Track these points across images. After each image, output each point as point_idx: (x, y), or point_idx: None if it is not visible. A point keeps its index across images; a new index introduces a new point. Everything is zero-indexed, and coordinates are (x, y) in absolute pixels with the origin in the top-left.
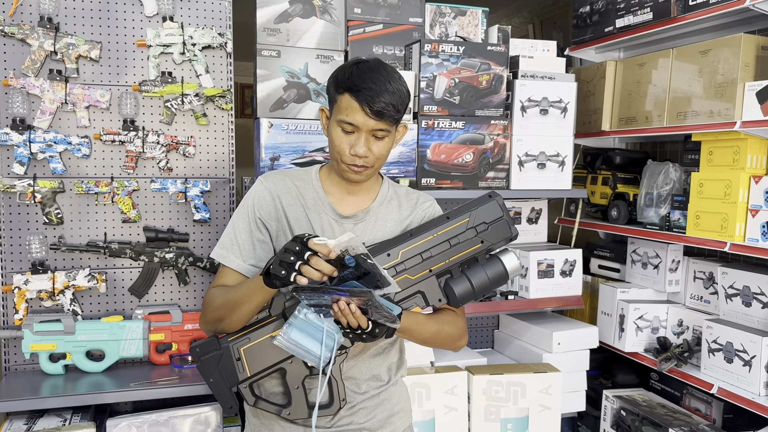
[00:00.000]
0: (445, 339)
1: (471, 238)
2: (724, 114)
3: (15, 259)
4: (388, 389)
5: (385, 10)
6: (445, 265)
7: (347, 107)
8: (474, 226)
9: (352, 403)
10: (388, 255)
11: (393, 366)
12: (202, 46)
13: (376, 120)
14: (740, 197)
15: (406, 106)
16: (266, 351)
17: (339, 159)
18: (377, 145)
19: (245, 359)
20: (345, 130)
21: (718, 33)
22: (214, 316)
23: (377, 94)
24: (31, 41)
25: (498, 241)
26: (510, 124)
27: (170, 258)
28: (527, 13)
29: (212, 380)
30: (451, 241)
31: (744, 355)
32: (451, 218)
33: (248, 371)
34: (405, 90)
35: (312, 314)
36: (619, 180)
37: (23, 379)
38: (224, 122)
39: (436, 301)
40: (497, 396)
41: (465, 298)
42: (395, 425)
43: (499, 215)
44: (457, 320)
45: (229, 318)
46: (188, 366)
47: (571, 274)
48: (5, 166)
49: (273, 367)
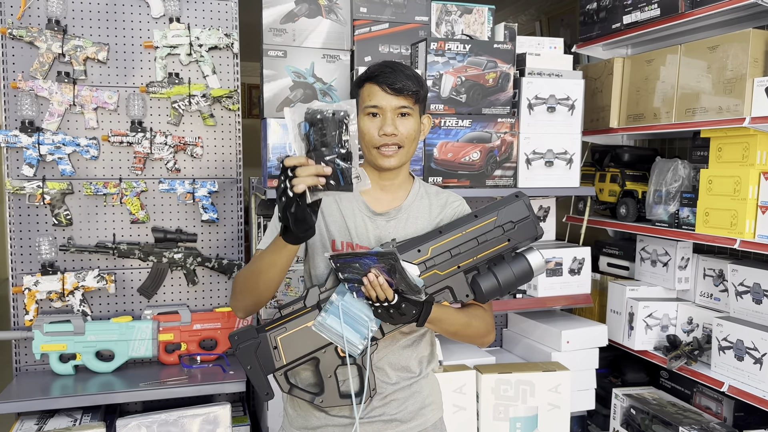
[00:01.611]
0: (473, 332)
1: (498, 236)
2: (733, 110)
3: (25, 261)
4: (419, 381)
5: (390, 9)
6: (473, 262)
7: (369, 94)
8: (501, 225)
9: (384, 394)
10: (419, 251)
11: (424, 359)
12: (209, 46)
13: (397, 97)
14: (750, 194)
15: (423, 87)
16: (302, 340)
17: (370, 146)
18: (404, 124)
19: (281, 348)
20: (371, 114)
21: (727, 28)
22: (240, 289)
23: (393, 74)
24: (39, 44)
25: (524, 239)
26: (517, 122)
27: (179, 258)
28: (534, 11)
29: (250, 367)
30: (479, 239)
31: (755, 352)
32: (479, 217)
33: (284, 359)
34: (419, 76)
35: (347, 300)
36: (628, 177)
37: (34, 379)
38: (231, 123)
39: (463, 296)
40: (506, 395)
41: (491, 293)
42: (426, 417)
43: (525, 215)
44: (485, 315)
45: (257, 286)
46: (197, 366)
47: (579, 273)
48: (15, 168)
49: (307, 356)
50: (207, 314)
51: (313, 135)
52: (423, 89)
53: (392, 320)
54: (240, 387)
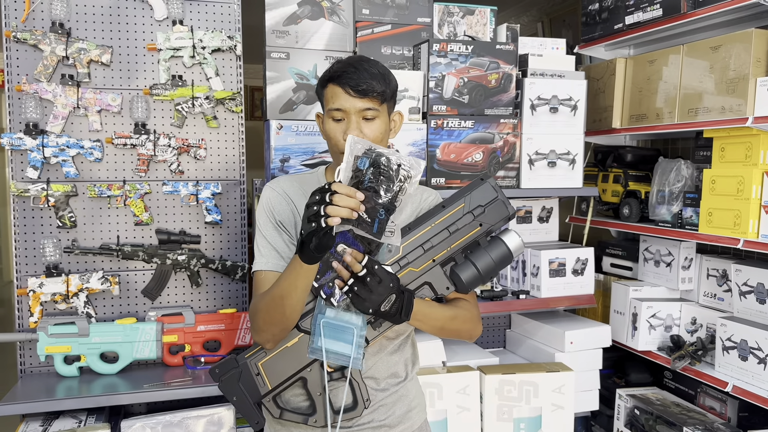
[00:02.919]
0: (460, 325)
1: (469, 222)
2: (736, 110)
3: (29, 263)
4: (405, 385)
5: (393, 11)
6: (448, 253)
7: (332, 95)
8: (470, 211)
9: (372, 401)
10: (390, 251)
11: (409, 361)
12: (212, 49)
13: (360, 98)
14: (753, 193)
15: (390, 86)
16: (283, 362)
17: (338, 151)
18: (369, 127)
19: (264, 373)
20: (335, 118)
21: (729, 28)
22: (264, 319)
23: (356, 74)
24: (43, 47)
25: (496, 221)
26: (520, 122)
27: (182, 260)
28: (536, 12)
29: (235, 399)
30: (449, 228)
31: (759, 352)
32: (447, 206)
33: (269, 384)
34: (386, 71)
35: (328, 316)
36: (631, 178)
37: (38, 381)
38: (234, 124)
39: (443, 289)
40: (510, 395)
41: (472, 282)
42: (413, 420)
43: (493, 196)
44: (469, 307)
45: (283, 312)
46: (201, 367)
47: (583, 273)
48: (19, 171)
49: (293, 377)
50: (211, 316)
51: (369, 175)
52: (390, 87)
53: (372, 297)
54: None
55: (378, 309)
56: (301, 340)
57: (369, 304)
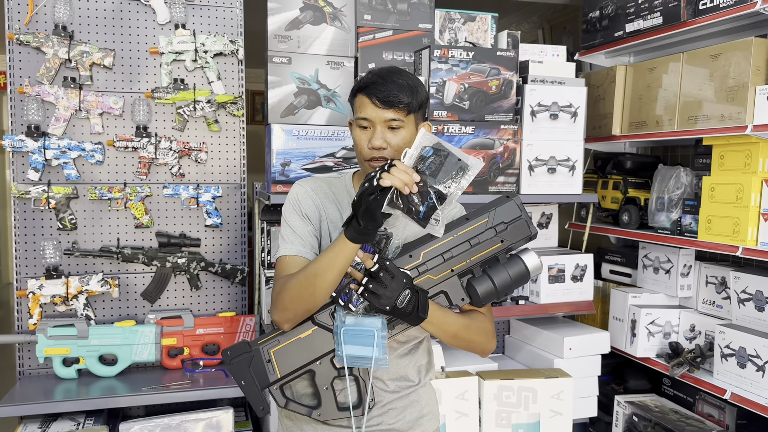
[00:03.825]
0: (474, 335)
1: (491, 237)
2: (735, 118)
3: (29, 265)
4: (417, 391)
5: (394, 17)
6: (467, 265)
7: (360, 105)
8: (493, 226)
9: (382, 403)
10: (410, 256)
11: (422, 368)
12: (214, 53)
13: (385, 109)
14: (752, 201)
15: (418, 97)
16: (295, 353)
17: (362, 158)
18: (393, 137)
19: (275, 361)
20: (361, 126)
21: (729, 37)
22: (292, 297)
23: (383, 85)
24: (46, 49)
25: (517, 240)
26: (520, 128)
27: (182, 263)
28: (537, 19)
29: (244, 383)
30: (471, 241)
31: (757, 360)
32: (471, 219)
33: (278, 373)
34: (416, 83)
35: (348, 323)
36: (630, 184)
37: (37, 383)
38: (236, 128)
39: (459, 300)
40: (508, 401)
41: (488, 296)
42: (424, 427)
43: (517, 215)
44: (484, 320)
45: (314, 291)
46: (200, 370)
47: (582, 279)
48: (20, 173)
49: (302, 368)
50: (210, 319)
51: (429, 161)
52: (417, 98)
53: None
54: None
55: (395, 306)
56: (315, 333)
57: (384, 301)
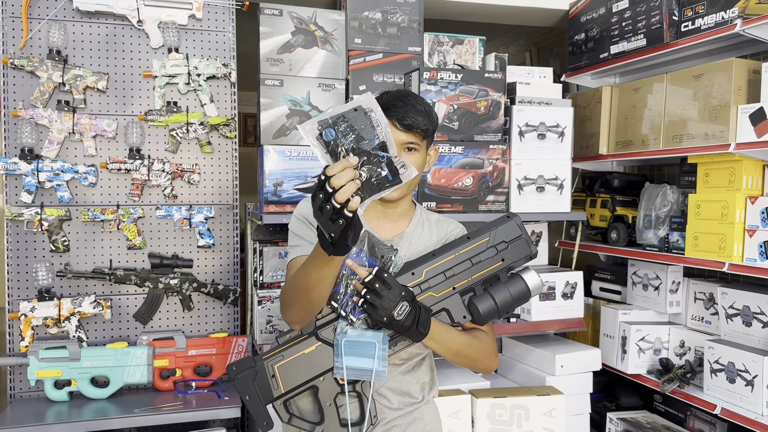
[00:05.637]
0: (476, 353)
1: (492, 256)
2: (718, 136)
3: (21, 287)
4: (420, 408)
5: (384, 40)
6: (468, 283)
7: None
8: (494, 245)
9: (386, 420)
10: (413, 274)
11: (425, 385)
12: (207, 76)
13: (405, 133)
14: (737, 218)
15: (434, 123)
16: (299, 368)
17: None
18: (409, 158)
19: (279, 376)
20: None
21: (711, 58)
22: (292, 301)
23: (404, 109)
24: (40, 73)
25: (518, 259)
26: (508, 148)
27: (174, 284)
28: (524, 41)
29: (248, 398)
30: (472, 259)
31: (746, 374)
32: (472, 238)
33: (282, 388)
34: (430, 110)
35: (349, 334)
36: (618, 203)
37: (28, 406)
38: (228, 150)
39: (461, 317)
40: (501, 419)
41: (489, 314)
42: None
43: (518, 234)
44: (486, 338)
45: (309, 300)
46: (192, 392)
47: (572, 297)
48: (13, 195)
49: (306, 384)
50: (202, 340)
51: (341, 137)
52: (432, 124)
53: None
54: (235, 413)
55: (392, 317)
56: (319, 348)
57: (382, 312)
